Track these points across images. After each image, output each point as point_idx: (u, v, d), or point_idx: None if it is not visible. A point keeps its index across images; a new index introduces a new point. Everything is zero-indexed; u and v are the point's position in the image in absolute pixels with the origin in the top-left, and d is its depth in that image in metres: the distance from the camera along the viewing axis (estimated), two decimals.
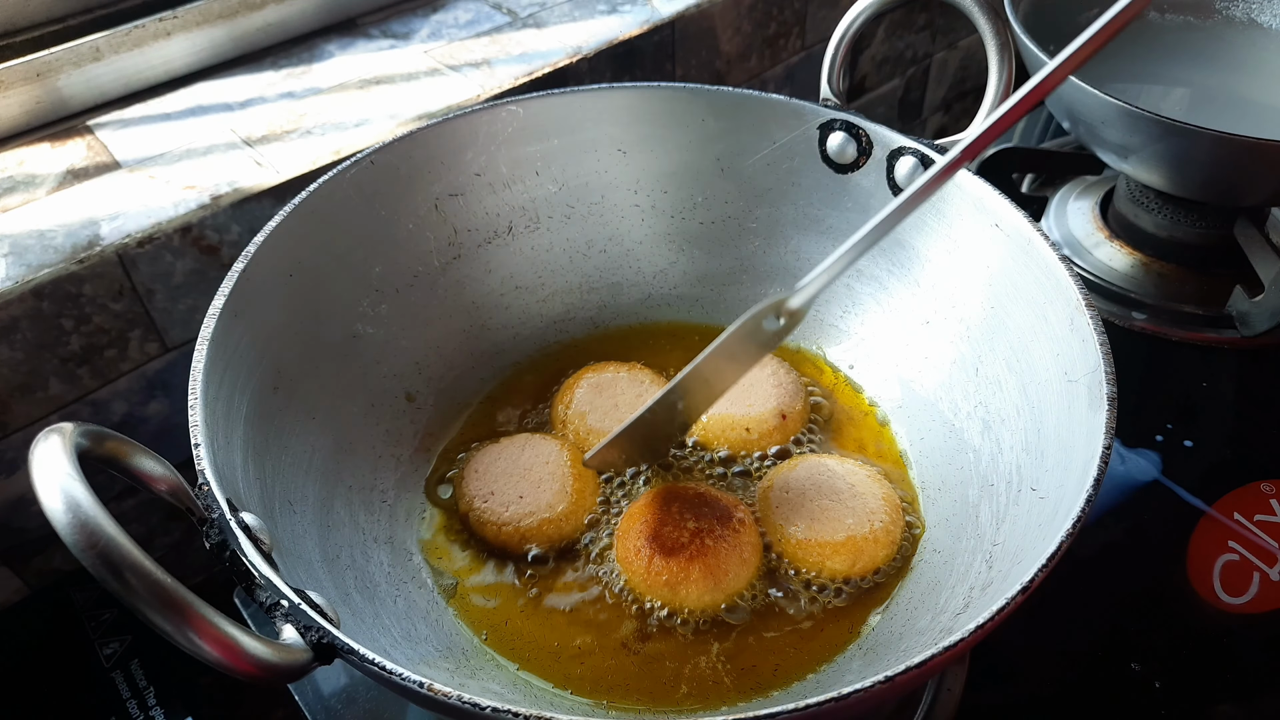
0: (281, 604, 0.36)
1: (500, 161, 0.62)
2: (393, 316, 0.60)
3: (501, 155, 0.62)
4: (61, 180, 0.62)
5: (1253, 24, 0.85)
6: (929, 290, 0.60)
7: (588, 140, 0.64)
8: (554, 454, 0.58)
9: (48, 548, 0.63)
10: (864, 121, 0.59)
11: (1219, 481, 0.67)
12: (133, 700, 0.57)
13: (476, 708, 0.33)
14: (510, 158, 0.63)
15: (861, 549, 0.53)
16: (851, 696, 0.33)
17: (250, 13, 0.72)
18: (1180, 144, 0.67)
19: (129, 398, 0.62)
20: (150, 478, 0.38)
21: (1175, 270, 0.80)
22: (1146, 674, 0.57)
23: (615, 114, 0.63)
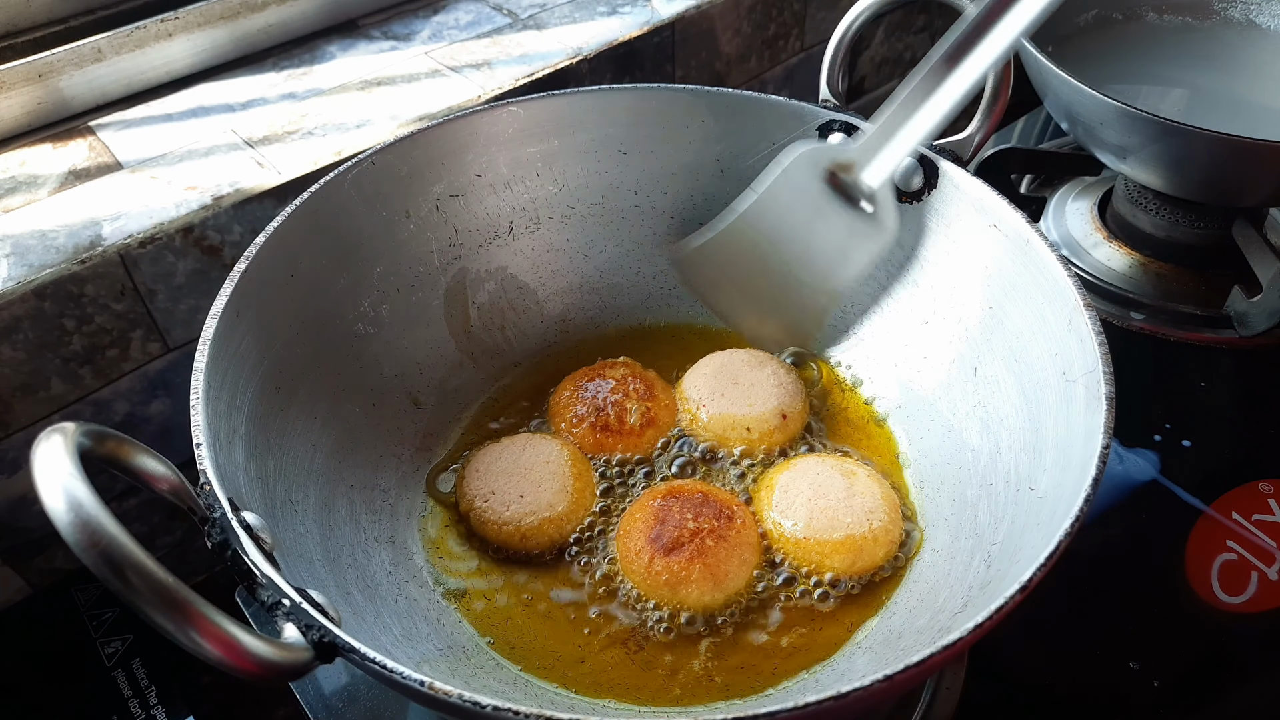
0: (283, 603, 0.36)
1: (501, 162, 0.63)
2: (394, 317, 0.60)
3: (502, 156, 0.62)
4: (63, 181, 0.62)
5: (1251, 25, 0.86)
6: (928, 290, 0.60)
7: (588, 141, 0.64)
8: (554, 454, 0.58)
9: (50, 547, 0.63)
10: (863, 122, 0.59)
11: (1217, 481, 0.67)
12: (134, 699, 0.58)
13: (477, 706, 0.33)
14: (511, 158, 0.63)
15: (861, 548, 0.53)
16: (851, 695, 0.33)
17: (251, 14, 0.72)
18: (1178, 144, 0.67)
19: (131, 397, 0.62)
20: (152, 477, 0.38)
21: (1173, 270, 0.80)
22: (1145, 673, 0.57)
23: (615, 115, 0.63)
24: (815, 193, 0.57)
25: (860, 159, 0.56)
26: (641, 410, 0.60)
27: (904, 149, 0.55)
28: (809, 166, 0.57)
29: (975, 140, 0.57)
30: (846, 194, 0.57)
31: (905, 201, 0.59)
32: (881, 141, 0.55)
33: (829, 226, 0.58)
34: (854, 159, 0.56)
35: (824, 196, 0.58)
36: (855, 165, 0.56)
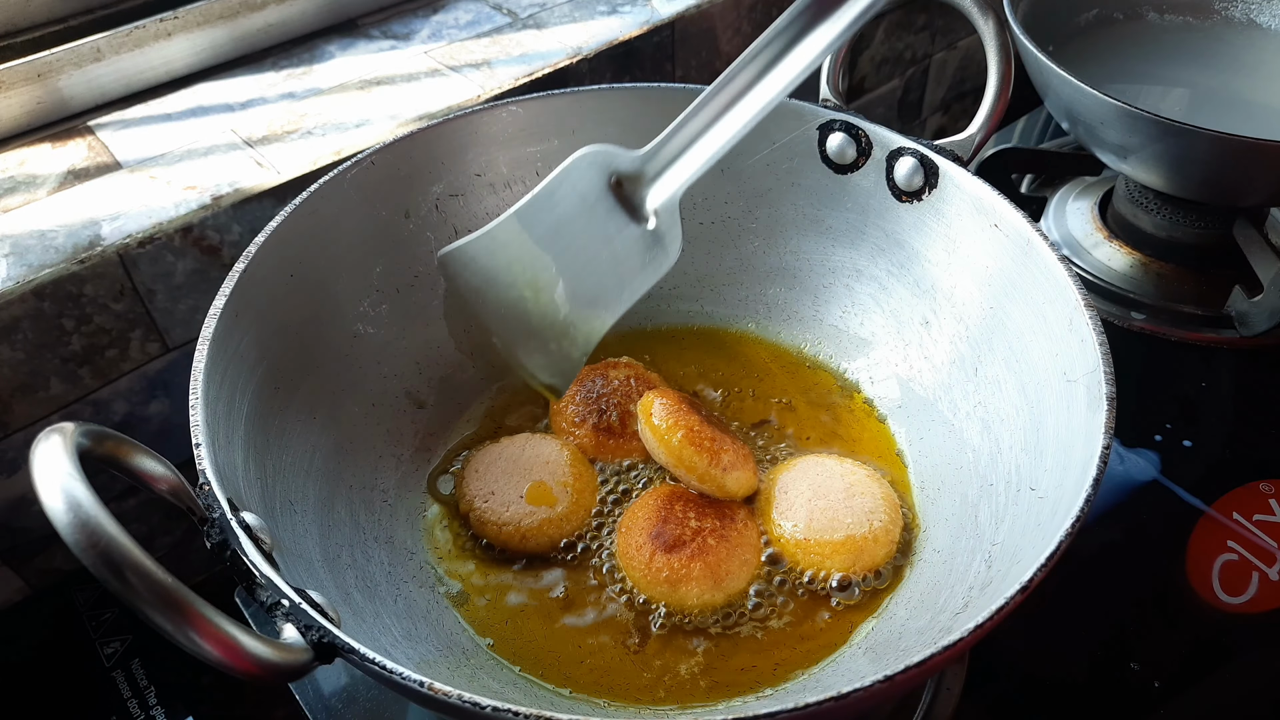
0: (282, 603, 0.36)
1: (500, 162, 0.62)
2: (393, 317, 0.60)
3: (502, 156, 0.62)
4: (62, 180, 0.62)
5: (1252, 24, 0.86)
6: (928, 290, 0.60)
7: (588, 141, 0.63)
8: (554, 454, 0.58)
9: (49, 547, 0.63)
10: (863, 122, 0.59)
11: (1218, 481, 0.67)
12: (133, 699, 0.58)
13: (477, 707, 0.33)
14: (510, 158, 0.63)
15: (861, 548, 0.53)
16: (851, 696, 0.33)
17: (251, 13, 0.72)
18: (1179, 144, 0.67)
19: (130, 397, 0.62)
20: (151, 477, 0.38)
21: (1174, 270, 0.80)
22: (1146, 674, 0.57)
23: (615, 114, 0.63)
24: (595, 201, 0.51)
25: (646, 172, 0.51)
26: None
27: (692, 170, 0.50)
28: (592, 170, 0.51)
29: (976, 140, 0.57)
30: (630, 208, 0.52)
31: (906, 201, 0.59)
32: (668, 158, 0.51)
33: (608, 239, 0.52)
34: (640, 171, 0.51)
35: (605, 206, 0.52)
36: (641, 178, 0.51)
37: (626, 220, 0.52)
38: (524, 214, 0.52)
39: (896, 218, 0.61)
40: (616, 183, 0.52)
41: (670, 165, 0.51)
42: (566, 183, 0.51)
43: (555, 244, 0.52)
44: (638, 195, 0.52)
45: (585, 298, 0.54)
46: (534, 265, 0.53)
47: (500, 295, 0.54)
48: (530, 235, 0.52)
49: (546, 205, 0.52)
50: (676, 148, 0.51)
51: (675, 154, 0.51)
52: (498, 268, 0.53)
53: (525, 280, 0.53)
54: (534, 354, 0.55)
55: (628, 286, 0.53)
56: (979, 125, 0.57)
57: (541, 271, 0.53)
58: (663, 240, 0.52)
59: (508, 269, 0.53)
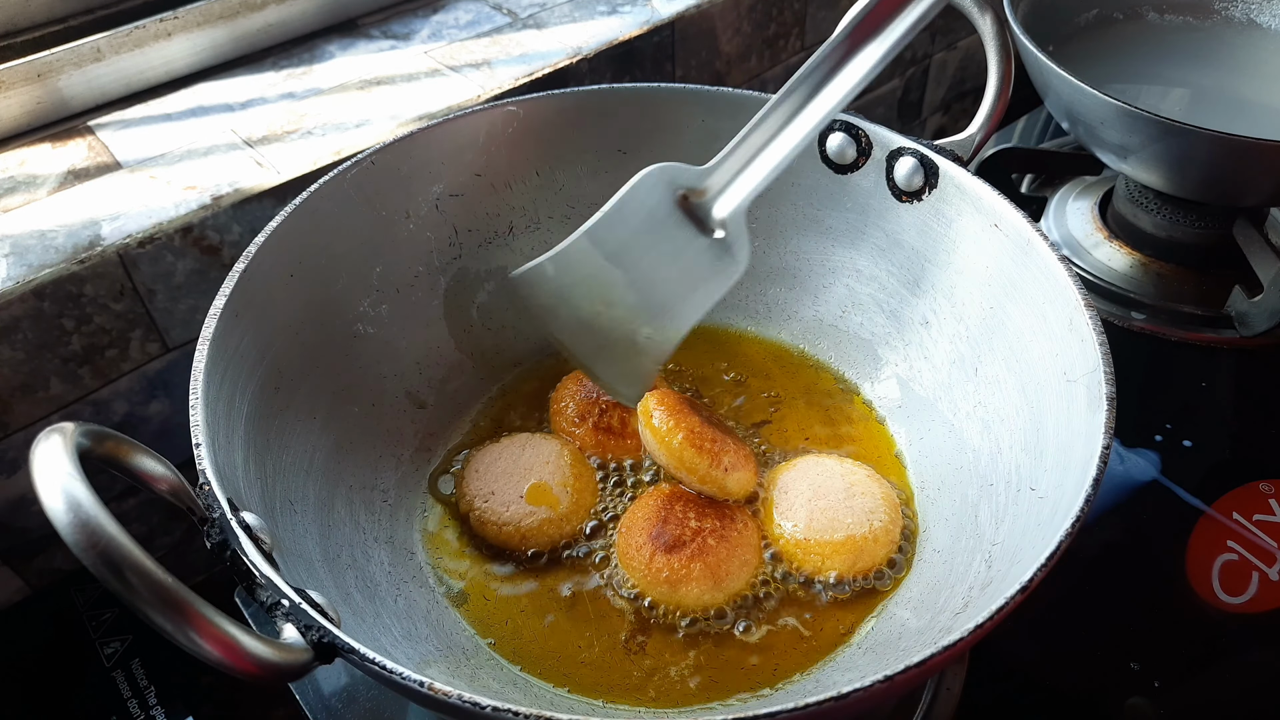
0: (282, 603, 0.36)
1: (500, 162, 0.63)
2: (393, 317, 0.60)
3: (502, 155, 0.62)
4: (62, 180, 0.62)
5: (1252, 24, 0.86)
6: (928, 290, 0.60)
7: (588, 140, 0.64)
8: (554, 454, 0.58)
9: (49, 547, 0.63)
10: (863, 122, 0.59)
11: (1218, 481, 0.67)
12: (133, 699, 0.58)
13: (477, 707, 0.33)
14: (510, 158, 0.63)
15: (861, 549, 0.53)
16: (851, 696, 0.33)
17: (251, 13, 0.72)
18: (1179, 144, 0.67)
19: (130, 397, 0.62)
20: (151, 477, 0.38)
21: (1174, 270, 0.80)
22: (1146, 674, 0.57)
23: (615, 114, 0.63)
24: (664, 216, 0.54)
25: (712, 185, 0.53)
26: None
27: (757, 181, 0.52)
28: (659, 186, 0.53)
29: (976, 140, 0.57)
30: (698, 220, 0.54)
31: (906, 201, 0.59)
32: (735, 169, 0.53)
33: (678, 252, 0.54)
34: (707, 184, 0.53)
35: (674, 220, 0.54)
36: (708, 190, 0.53)
37: (695, 233, 0.54)
38: (594, 232, 0.54)
39: (896, 218, 0.61)
40: (683, 197, 0.54)
41: (736, 177, 0.53)
42: (634, 200, 0.53)
43: (625, 259, 0.54)
44: (705, 208, 0.54)
45: (657, 309, 0.55)
46: (605, 281, 0.55)
47: (573, 311, 0.56)
48: (601, 252, 0.54)
49: (615, 222, 0.54)
50: (741, 160, 0.53)
51: (740, 166, 0.53)
52: (570, 285, 0.55)
53: (598, 296, 0.55)
54: (609, 366, 0.57)
55: (699, 296, 0.55)
56: (979, 125, 0.57)
57: (613, 287, 0.55)
58: (731, 249, 0.54)
59: (580, 286, 0.55)
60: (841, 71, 0.50)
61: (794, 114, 0.51)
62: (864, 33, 0.48)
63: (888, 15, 0.48)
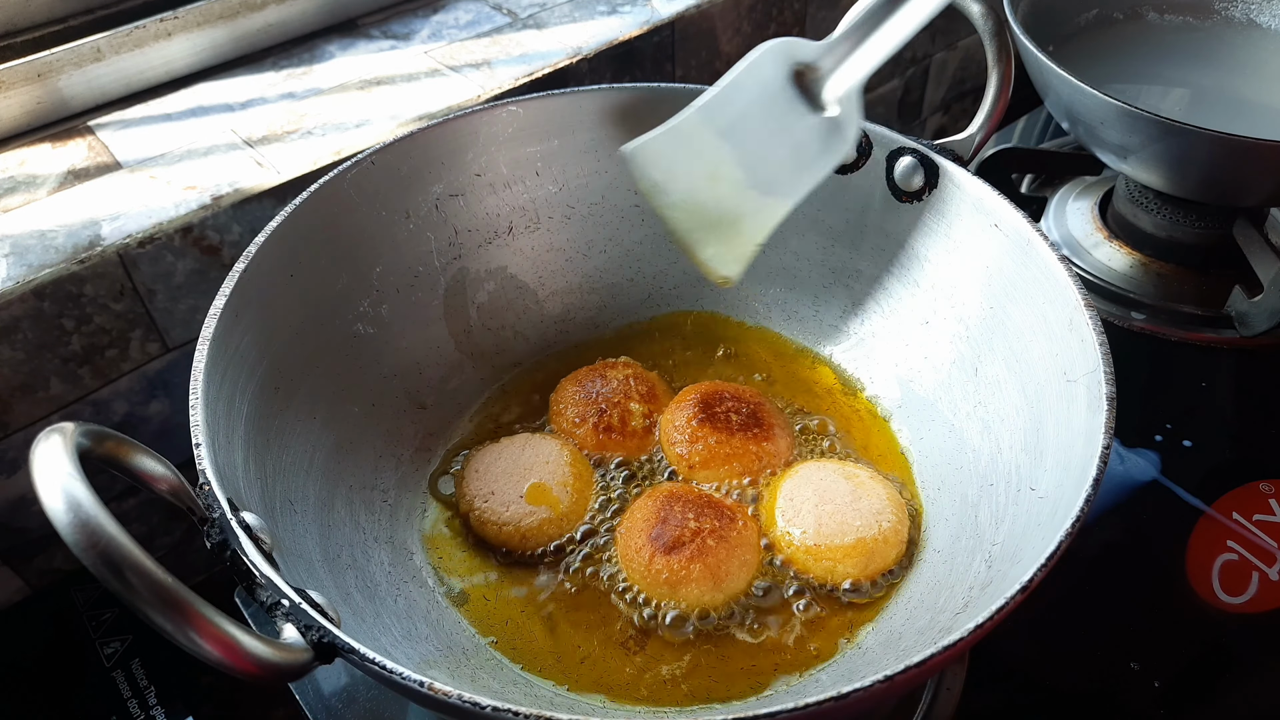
0: (282, 603, 0.36)
1: (500, 162, 0.62)
2: (393, 317, 0.60)
3: (502, 155, 0.62)
4: (62, 180, 0.62)
5: (1252, 24, 0.86)
6: (928, 290, 0.60)
7: (588, 141, 0.64)
8: (554, 454, 0.58)
9: (49, 547, 0.63)
10: (863, 122, 0.59)
11: (1218, 481, 0.67)
12: (133, 699, 0.58)
13: (477, 707, 0.33)
14: (510, 158, 0.63)
15: (873, 550, 0.53)
16: (851, 696, 0.33)
17: (251, 13, 0.72)
18: (1179, 144, 0.67)
19: (130, 397, 0.62)
20: (151, 477, 0.38)
21: (1174, 270, 0.80)
22: (1145, 673, 0.57)
23: (615, 114, 0.63)
24: (778, 91, 0.54)
25: (828, 61, 0.54)
26: (644, 412, 0.60)
27: (872, 59, 0.53)
28: (777, 61, 0.54)
29: (976, 140, 0.57)
30: (811, 96, 0.55)
31: (906, 201, 0.59)
32: (850, 47, 0.54)
33: (788, 128, 0.55)
34: (822, 60, 0.55)
35: (787, 96, 0.55)
36: (823, 68, 0.55)
37: (807, 109, 0.55)
38: (709, 108, 0.54)
39: (896, 218, 0.61)
40: (798, 73, 0.54)
41: (851, 53, 0.54)
42: (750, 75, 0.54)
43: (736, 135, 0.55)
44: (819, 84, 0.55)
45: (762, 185, 0.56)
46: (715, 157, 0.55)
47: (680, 187, 0.56)
48: (713, 128, 0.54)
49: (730, 98, 0.54)
50: (858, 36, 0.53)
51: (856, 43, 0.53)
52: (679, 161, 0.55)
53: (706, 171, 0.55)
54: (710, 244, 0.57)
55: (804, 173, 0.56)
56: (979, 125, 0.57)
57: (721, 162, 0.55)
58: (840, 127, 0.55)
59: (689, 161, 0.55)
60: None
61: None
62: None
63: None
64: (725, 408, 0.59)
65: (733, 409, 0.59)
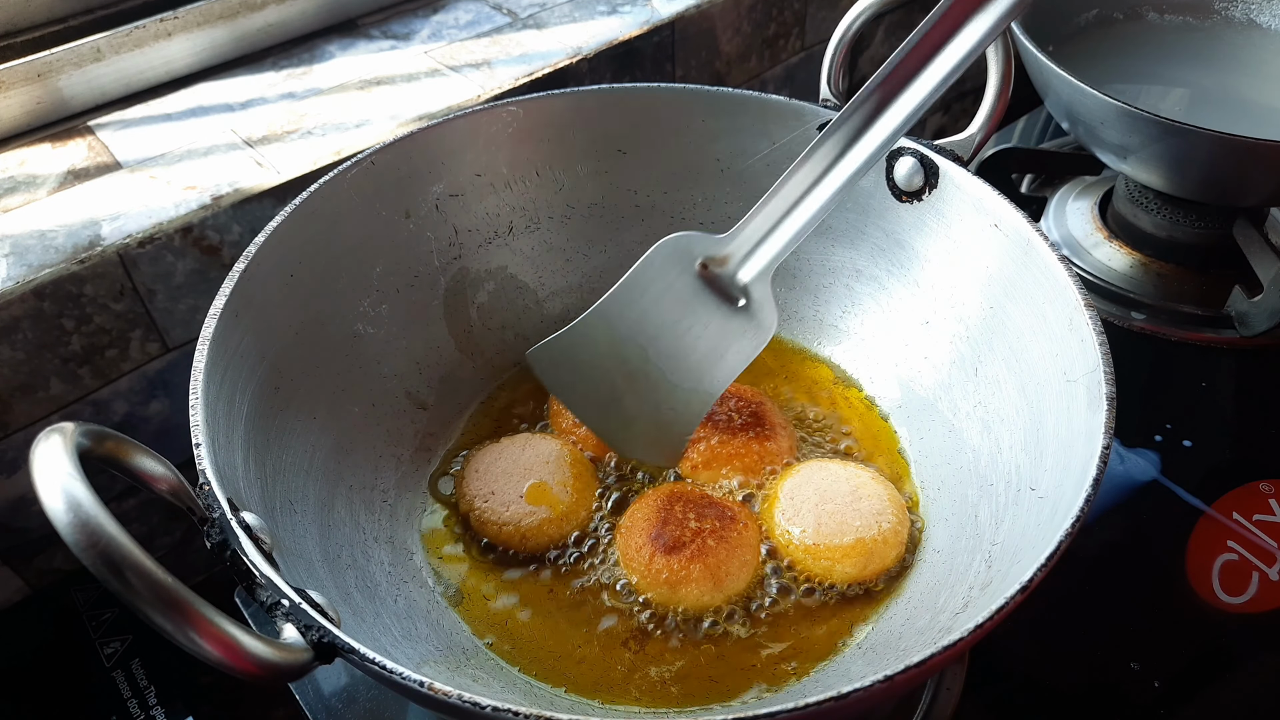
0: (282, 603, 0.36)
1: (500, 162, 0.62)
2: (393, 316, 0.60)
3: (502, 156, 0.62)
4: (62, 180, 0.62)
5: (1252, 24, 0.86)
6: (928, 290, 0.60)
7: (588, 141, 0.64)
8: (554, 454, 0.58)
9: (49, 547, 0.63)
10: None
11: (1218, 481, 0.67)
12: (133, 699, 0.58)
13: (477, 707, 0.33)
14: (510, 158, 0.63)
15: (872, 551, 0.53)
16: (851, 696, 0.33)
17: (251, 13, 0.72)
18: (1179, 144, 0.67)
19: (130, 398, 0.62)
20: (151, 477, 0.38)
21: (1174, 270, 0.80)
22: (1146, 673, 0.57)
23: (615, 114, 0.63)
24: (684, 286, 0.53)
25: (734, 252, 0.53)
26: None
27: (782, 246, 0.51)
28: (677, 257, 0.53)
29: (976, 140, 0.57)
30: (719, 288, 0.54)
31: (906, 201, 0.59)
32: (758, 235, 0.52)
33: (700, 323, 0.54)
34: (728, 252, 0.53)
35: (691, 290, 0.53)
36: (730, 259, 0.53)
37: (717, 302, 0.54)
38: (608, 308, 0.53)
39: (896, 218, 0.61)
40: (702, 265, 0.53)
41: (760, 243, 0.52)
42: (649, 272, 0.53)
43: (645, 332, 0.54)
44: (726, 276, 0.54)
45: (682, 379, 0.55)
46: (625, 355, 0.54)
47: (593, 388, 0.55)
48: (618, 328, 0.54)
49: (631, 296, 0.53)
50: (764, 225, 0.52)
51: (764, 232, 0.52)
52: (588, 361, 0.55)
53: (618, 370, 0.55)
54: (635, 440, 0.57)
55: (724, 364, 0.55)
56: (979, 125, 0.57)
57: (633, 360, 0.54)
58: (757, 316, 0.54)
59: (598, 361, 0.54)
60: (872, 127, 0.47)
61: (821, 174, 0.50)
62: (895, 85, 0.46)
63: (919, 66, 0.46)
64: (727, 408, 0.59)
65: (735, 409, 0.59)
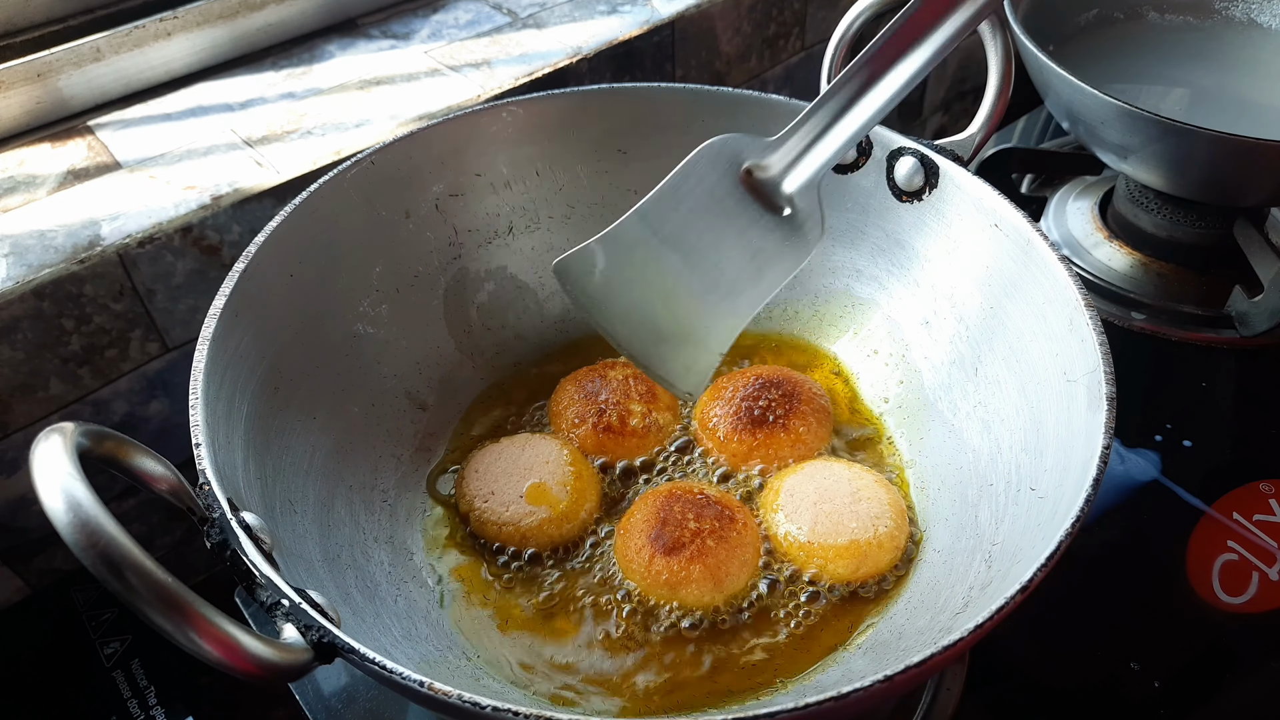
0: (282, 603, 0.36)
1: (500, 162, 0.62)
2: (393, 316, 0.60)
3: (502, 155, 0.62)
4: (62, 180, 0.62)
5: (1252, 24, 0.86)
6: (928, 290, 0.60)
7: (588, 140, 0.64)
8: (554, 454, 0.58)
9: (49, 547, 0.63)
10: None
11: (1218, 481, 0.67)
12: (133, 699, 0.58)
13: (477, 707, 0.33)
14: (510, 158, 0.63)
15: (865, 554, 0.53)
16: (851, 696, 0.33)
17: (250, 13, 0.72)
18: (1179, 144, 0.67)
19: (130, 398, 0.62)
20: (151, 477, 0.38)
21: (1174, 270, 0.80)
22: (1146, 673, 0.57)
23: (615, 114, 0.63)
24: (725, 194, 0.50)
25: (779, 158, 0.50)
26: (644, 412, 0.60)
27: (831, 152, 0.49)
28: (720, 161, 0.49)
29: (976, 140, 0.57)
30: (763, 196, 0.50)
31: (906, 201, 0.59)
32: (805, 141, 0.49)
33: (742, 232, 0.50)
34: (772, 158, 0.50)
35: (735, 198, 0.50)
36: (773, 166, 0.50)
37: (760, 210, 0.50)
38: (647, 212, 0.50)
39: (896, 218, 0.61)
40: (746, 171, 0.50)
41: (808, 150, 0.49)
42: (692, 176, 0.49)
43: (683, 241, 0.50)
44: (771, 183, 0.50)
45: (718, 294, 0.51)
46: (661, 266, 0.51)
47: (625, 302, 0.51)
48: (656, 235, 0.50)
49: (671, 201, 0.50)
50: (812, 131, 0.49)
51: (812, 138, 0.49)
52: (621, 271, 0.51)
53: (653, 282, 0.51)
54: (666, 360, 0.53)
55: (764, 279, 0.51)
56: (979, 125, 0.57)
57: (669, 272, 0.51)
58: (801, 227, 0.50)
59: (632, 272, 0.51)
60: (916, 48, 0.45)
61: (867, 85, 0.47)
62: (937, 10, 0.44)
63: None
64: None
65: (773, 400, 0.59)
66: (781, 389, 0.60)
